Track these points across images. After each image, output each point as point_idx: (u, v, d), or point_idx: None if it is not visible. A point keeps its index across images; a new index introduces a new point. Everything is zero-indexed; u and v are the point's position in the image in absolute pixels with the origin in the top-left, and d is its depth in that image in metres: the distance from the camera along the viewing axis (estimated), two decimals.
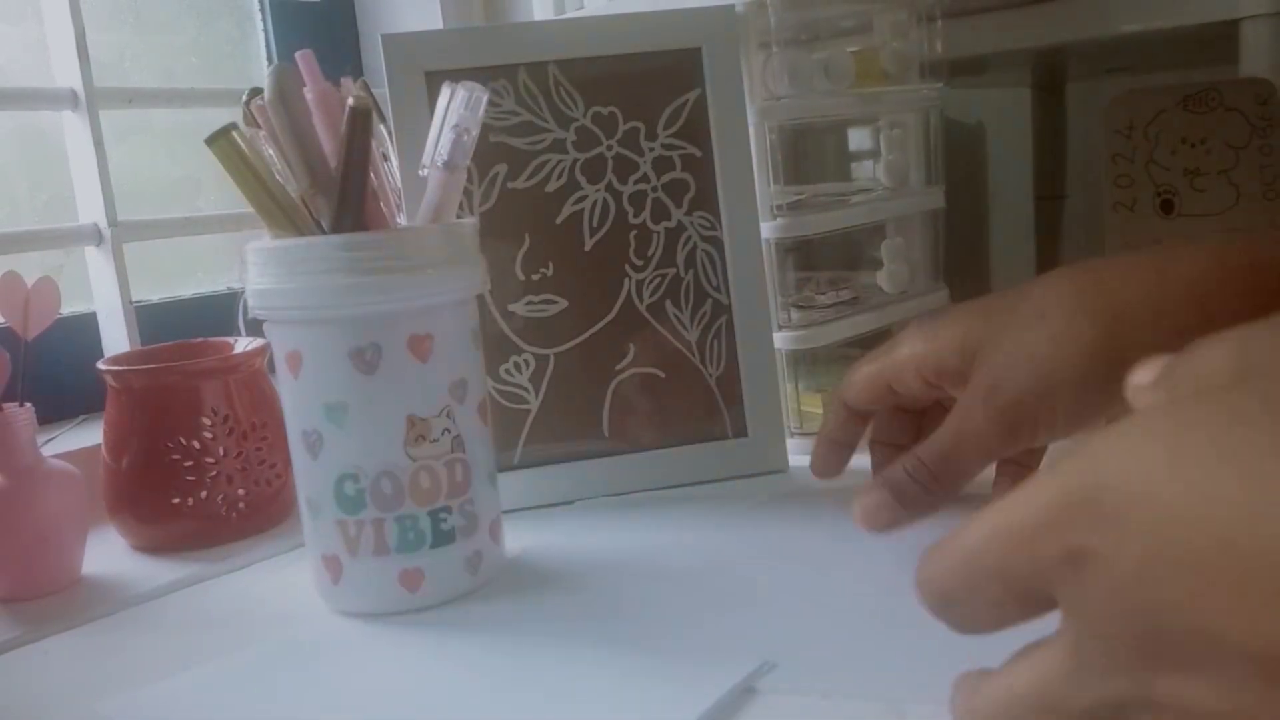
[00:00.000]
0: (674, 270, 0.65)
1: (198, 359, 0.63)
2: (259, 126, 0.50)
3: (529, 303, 0.63)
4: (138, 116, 0.87)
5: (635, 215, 0.64)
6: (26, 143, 0.81)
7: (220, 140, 0.48)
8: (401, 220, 0.56)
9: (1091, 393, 0.43)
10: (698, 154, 0.65)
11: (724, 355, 0.65)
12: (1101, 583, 0.23)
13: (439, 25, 0.97)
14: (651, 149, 0.64)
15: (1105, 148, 0.72)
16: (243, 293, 0.51)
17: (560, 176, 0.63)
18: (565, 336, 0.64)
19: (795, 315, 0.70)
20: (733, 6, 0.66)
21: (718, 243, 0.65)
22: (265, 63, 0.96)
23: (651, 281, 0.64)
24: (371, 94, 0.49)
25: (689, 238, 0.65)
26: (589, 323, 0.64)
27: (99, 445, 0.63)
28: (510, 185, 0.63)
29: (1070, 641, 0.25)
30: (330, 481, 0.49)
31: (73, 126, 0.77)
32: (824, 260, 0.77)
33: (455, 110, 0.49)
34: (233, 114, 0.52)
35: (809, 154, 0.80)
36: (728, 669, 0.40)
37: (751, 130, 0.66)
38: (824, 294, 0.73)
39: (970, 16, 0.81)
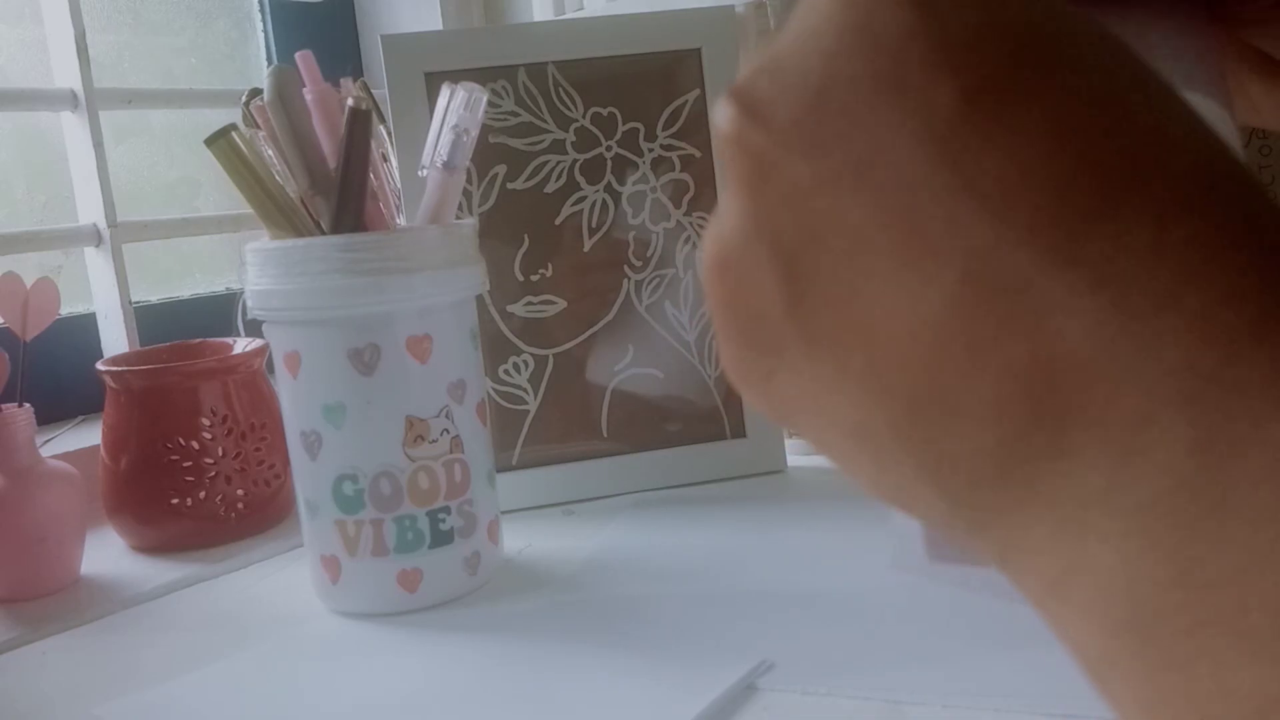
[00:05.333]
0: (673, 271, 0.65)
1: (196, 360, 0.63)
2: (258, 127, 0.50)
3: (528, 303, 0.63)
4: (137, 117, 0.87)
5: (634, 216, 0.64)
6: (26, 143, 0.81)
7: (220, 141, 0.48)
8: (401, 221, 0.56)
9: None
10: (697, 154, 0.65)
11: None
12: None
13: (439, 26, 0.97)
14: (651, 150, 0.64)
15: None
16: (242, 293, 0.51)
17: (559, 177, 0.63)
18: (564, 337, 0.64)
19: None
20: (732, 7, 0.66)
21: None
22: (265, 63, 0.96)
23: (650, 282, 0.65)
24: (371, 95, 0.49)
25: (688, 238, 0.65)
26: (588, 323, 0.64)
27: (98, 446, 0.63)
28: (509, 186, 0.63)
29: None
30: (329, 482, 0.49)
31: (72, 127, 0.77)
32: None
33: (455, 111, 0.49)
34: (232, 115, 0.52)
35: None
36: (726, 668, 0.40)
37: None
38: None
39: None
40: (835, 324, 0.18)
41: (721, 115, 0.19)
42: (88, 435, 0.71)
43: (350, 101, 0.48)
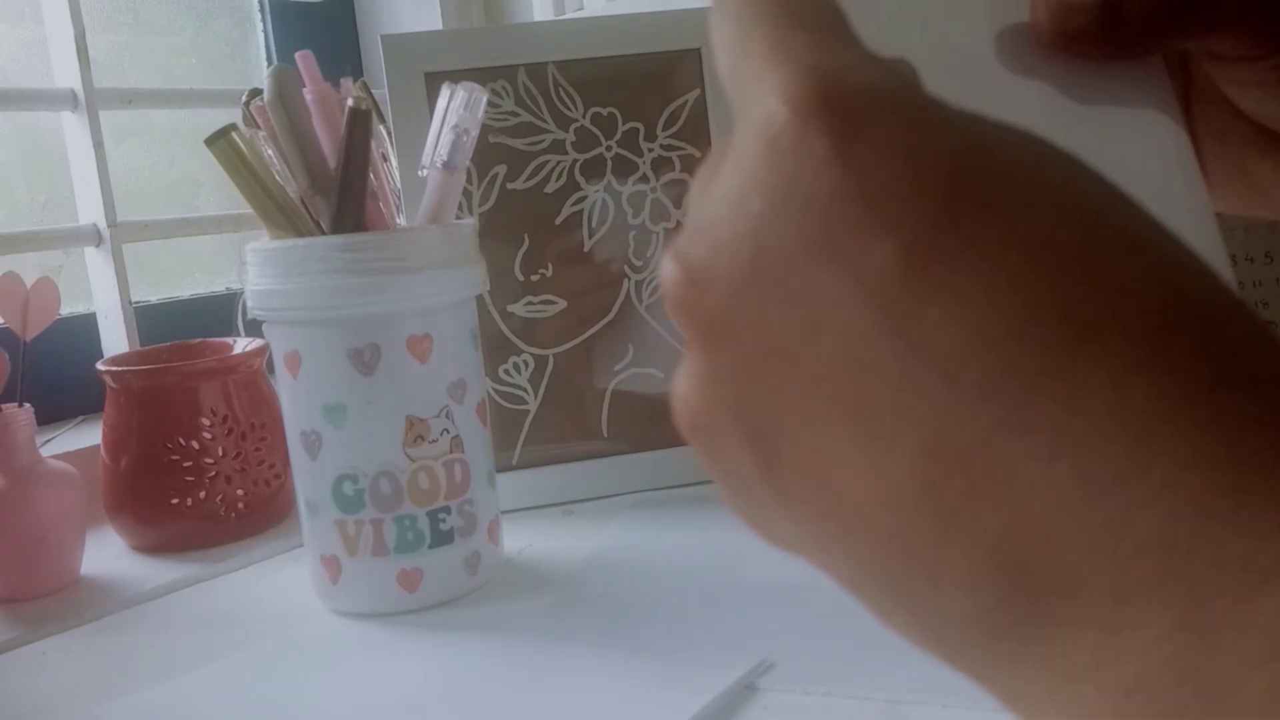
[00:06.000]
0: None
1: (196, 359, 0.64)
2: (258, 127, 0.50)
3: (528, 303, 0.63)
4: (137, 117, 0.87)
5: (634, 216, 0.64)
6: (26, 143, 0.81)
7: (220, 141, 0.48)
8: (401, 221, 0.56)
9: None
10: (697, 155, 0.65)
11: None
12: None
13: (439, 26, 0.97)
14: (651, 150, 0.64)
15: None
16: (242, 293, 0.51)
17: (560, 177, 0.63)
18: (564, 337, 0.64)
19: None
20: None
21: None
22: (265, 63, 0.96)
23: (651, 282, 0.65)
24: (371, 95, 0.49)
25: None
26: (588, 323, 0.64)
27: (98, 446, 0.63)
28: (510, 186, 0.63)
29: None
30: (329, 482, 0.49)
31: (72, 127, 0.77)
32: None
33: (455, 111, 0.49)
34: (232, 115, 0.52)
35: None
36: (726, 668, 0.40)
37: None
38: None
39: None
40: (806, 488, 0.17)
41: (666, 279, 0.18)
42: (88, 435, 0.71)
43: (350, 101, 0.48)
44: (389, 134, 0.60)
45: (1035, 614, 0.15)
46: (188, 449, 0.60)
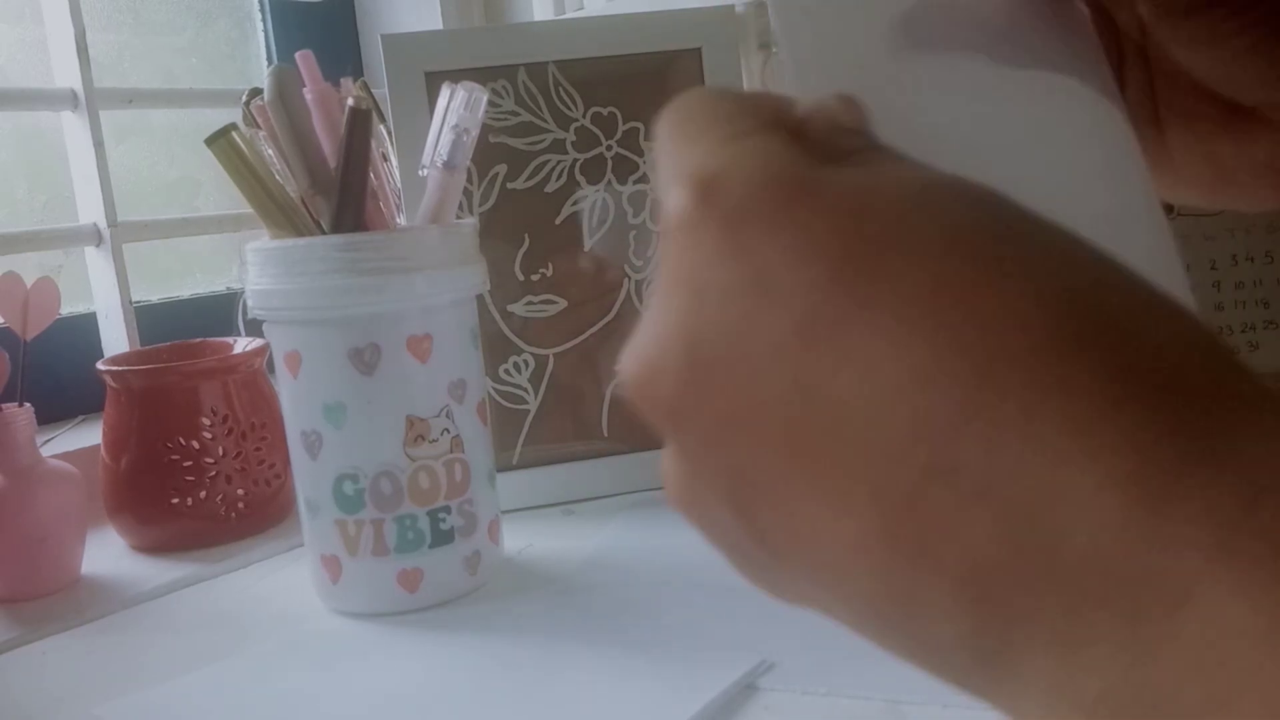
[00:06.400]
0: None
1: (197, 359, 0.64)
2: (259, 127, 0.50)
3: (528, 303, 0.63)
4: (137, 117, 0.87)
5: (635, 215, 0.64)
6: (26, 143, 0.81)
7: (220, 140, 0.48)
8: (401, 220, 0.56)
9: None
10: None
11: None
12: None
13: (439, 26, 0.97)
14: (651, 149, 0.64)
15: None
16: (242, 293, 0.51)
17: (560, 177, 0.63)
18: (564, 337, 0.64)
19: None
20: (733, 7, 0.66)
21: None
22: (265, 63, 0.96)
23: (651, 282, 0.65)
24: (371, 94, 0.49)
25: None
26: (588, 323, 0.64)
27: (98, 445, 0.63)
28: (510, 185, 0.63)
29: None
30: (329, 481, 0.49)
31: (72, 127, 0.77)
32: None
33: (455, 110, 0.49)
34: (232, 114, 0.52)
35: None
36: (726, 668, 0.40)
37: None
38: None
39: None
40: (793, 545, 0.18)
41: (624, 377, 0.19)
42: (88, 435, 0.71)
43: (350, 101, 0.48)
44: (389, 134, 0.60)
45: (1010, 637, 0.16)
46: (188, 449, 0.60)
